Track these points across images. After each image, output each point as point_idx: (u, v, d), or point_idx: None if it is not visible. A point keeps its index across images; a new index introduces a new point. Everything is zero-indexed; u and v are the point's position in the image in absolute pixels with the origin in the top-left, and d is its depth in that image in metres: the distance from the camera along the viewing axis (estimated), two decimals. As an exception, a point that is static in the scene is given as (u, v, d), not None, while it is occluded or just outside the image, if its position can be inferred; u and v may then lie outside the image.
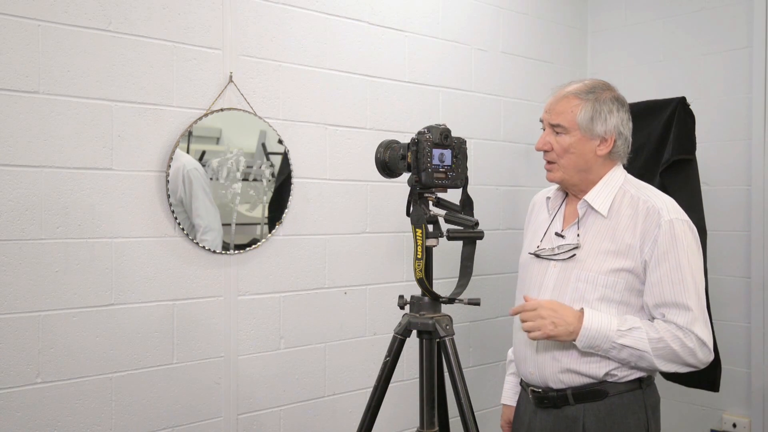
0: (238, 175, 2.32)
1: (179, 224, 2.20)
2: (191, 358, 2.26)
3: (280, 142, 2.41)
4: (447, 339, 1.70)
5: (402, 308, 1.81)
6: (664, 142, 2.81)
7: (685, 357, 1.66)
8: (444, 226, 1.73)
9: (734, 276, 3.04)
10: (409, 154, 1.69)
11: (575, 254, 1.77)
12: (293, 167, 2.45)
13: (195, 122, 2.22)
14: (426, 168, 1.67)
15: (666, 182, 2.72)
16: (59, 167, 2.00)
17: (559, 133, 1.79)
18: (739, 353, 3.01)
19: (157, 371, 2.19)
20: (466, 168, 1.75)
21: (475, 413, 1.71)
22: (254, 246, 2.37)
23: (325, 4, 2.56)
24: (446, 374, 1.72)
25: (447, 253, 2.30)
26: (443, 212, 1.72)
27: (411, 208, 1.72)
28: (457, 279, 1.77)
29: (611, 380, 1.74)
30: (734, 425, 3.01)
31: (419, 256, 1.67)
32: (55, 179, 1.99)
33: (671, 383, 2.80)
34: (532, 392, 1.84)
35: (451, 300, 1.73)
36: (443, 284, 2.31)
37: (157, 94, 2.17)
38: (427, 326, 1.71)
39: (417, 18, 2.84)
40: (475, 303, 1.72)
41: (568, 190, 1.89)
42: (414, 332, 1.75)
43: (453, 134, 1.72)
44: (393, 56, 2.76)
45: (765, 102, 2.94)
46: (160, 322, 2.19)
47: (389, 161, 1.75)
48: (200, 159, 2.24)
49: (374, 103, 2.71)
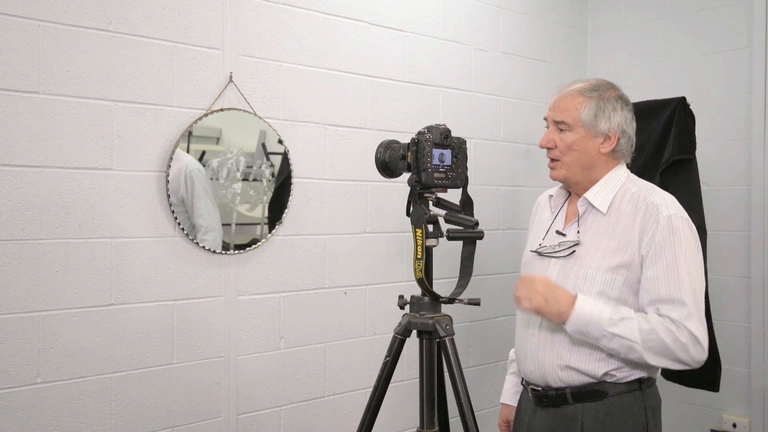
0: (238, 175, 2.32)
1: (179, 224, 2.20)
2: (191, 358, 2.26)
3: (280, 142, 2.41)
4: (447, 339, 1.70)
5: (402, 308, 1.81)
6: (664, 142, 2.81)
7: (677, 352, 1.63)
8: (444, 226, 1.73)
9: (734, 276, 3.04)
10: (409, 154, 1.70)
11: (575, 251, 1.78)
12: (293, 167, 2.45)
13: (195, 122, 2.22)
14: (426, 168, 1.67)
15: (666, 182, 2.72)
16: (59, 167, 2.00)
17: (563, 131, 1.79)
18: (739, 353, 3.00)
19: (157, 371, 2.19)
20: (466, 168, 1.75)
21: (475, 413, 1.71)
22: (254, 246, 2.37)
23: (325, 4, 2.56)
24: (446, 374, 1.73)
25: (447, 253, 2.30)
26: (443, 212, 1.73)
27: (411, 208, 1.73)
28: (457, 279, 1.77)
29: (610, 380, 1.73)
30: (734, 425, 3.01)
31: (419, 256, 1.67)
32: (55, 179, 1.99)
33: (671, 383, 2.80)
34: (532, 391, 1.84)
35: (451, 300, 1.73)
36: (443, 284, 2.31)
37: (157, 94, 2.17)
38: (427, 326, 1.71)
39: (417, 18, 2.84)
40: (475, 303, 1.72)
41: (571, 189, 1.89)
42: (414, 332, 1.75)
43: (453, 134, 1.72)
44: (393, 56, 2.76)
45: (765, 102, 2.94)
46: (160, 322, 2.19)
47: (389, 161, 1.76)
48: (200, 159, 2.24)
49: (374, 103, 2.71)
